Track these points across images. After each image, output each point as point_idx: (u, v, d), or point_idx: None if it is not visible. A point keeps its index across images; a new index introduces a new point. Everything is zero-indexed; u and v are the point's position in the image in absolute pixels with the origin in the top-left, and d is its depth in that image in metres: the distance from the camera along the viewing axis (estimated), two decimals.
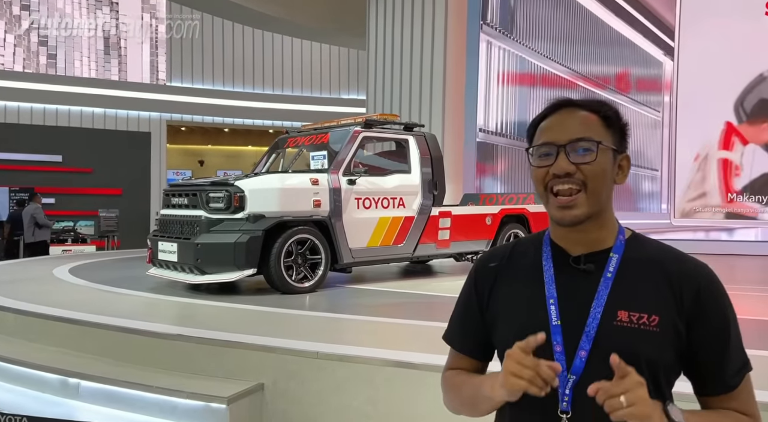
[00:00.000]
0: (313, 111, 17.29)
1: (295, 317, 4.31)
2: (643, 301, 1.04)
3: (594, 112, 1.09)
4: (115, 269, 7.47)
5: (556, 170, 1.06)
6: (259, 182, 5.20)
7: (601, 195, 1.07)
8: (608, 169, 1.08)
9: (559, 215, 1.07)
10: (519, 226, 6.78)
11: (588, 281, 1.08)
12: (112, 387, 3.32)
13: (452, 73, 10.03)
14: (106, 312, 4.18)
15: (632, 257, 1.09)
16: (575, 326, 1.06)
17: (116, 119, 16.30)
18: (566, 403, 1.04)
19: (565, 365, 1.05)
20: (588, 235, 1.09)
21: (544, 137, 1.10)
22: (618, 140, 1.10)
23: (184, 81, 17.00)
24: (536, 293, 1.11)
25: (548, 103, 1.14)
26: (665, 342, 1.03)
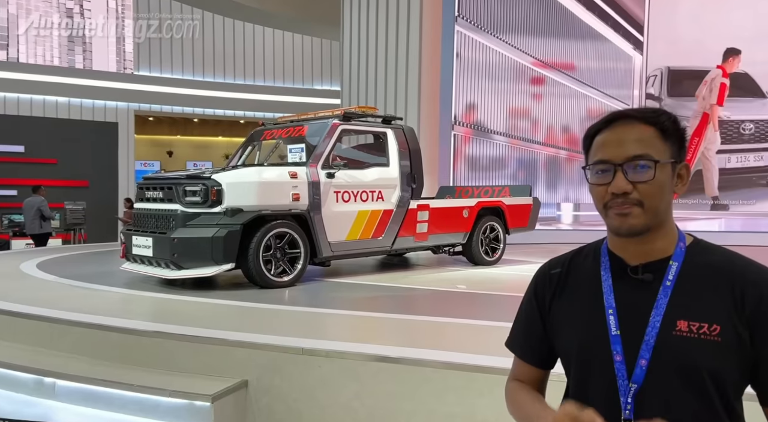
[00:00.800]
0: (286, 102, 17.10)
1: (276, 312, 4.28)
2: (703, 310, 1.03)
3: (650, 124, 1.07)
4: (85, 264, 7.30)
5: (614, 190, 1.05)
6: (236, 175, 5.13)
7: (658, 209, 1.06)
8: (666, 184, 1.07)
9: (617, 224, 1.07)
10: (495, 219, 6.84)
11: (647, 291, 1.07)
12: (90, 386, 3.25)
13: (427, 66, 10.02)
14: (81, 309, 4.08)
15: (693, 264, 1.08)
16: (635, 335, 1.06)
17: (81, 109, 15.86)
18: (629, 411, 1.04)
19: (626, 374, 1.05)
20: (646, 246, 1.09)
21: (601, 153, 1.08)
22: (676, 150, 1.08)
23: (153, 70, 16.63)
24: (595, 304, 1.11)
25: (604, 116, 1.11)
26: (728, 352, 1.02)
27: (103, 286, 5.20)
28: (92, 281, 5.45)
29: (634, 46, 11.13)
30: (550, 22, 10.96)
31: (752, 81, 10.17)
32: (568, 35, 11.03)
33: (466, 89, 10.38)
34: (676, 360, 1.01)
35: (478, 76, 10.49)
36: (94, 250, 9.26)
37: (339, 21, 11.34)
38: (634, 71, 11.17)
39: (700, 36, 10.65)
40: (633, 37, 11.12)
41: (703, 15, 10.67)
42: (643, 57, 11.08)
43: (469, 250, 6.67)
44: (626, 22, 11.07)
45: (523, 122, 10.96)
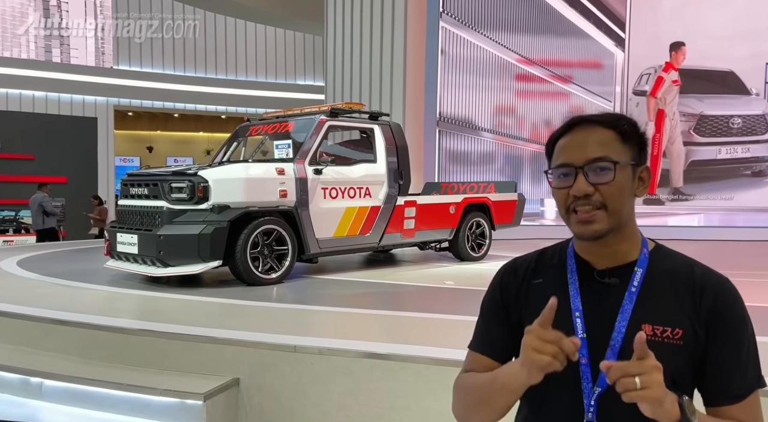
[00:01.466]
0: (268, 97, 16.99)
1: (266, 309, 4.26)
2: (666, 315, 1.06)
3: (610, 128, 1.09)
4: (67, 261, 7.18)
5: (575, 192, 1.07)
6: (223, 171, 5.09)
7: (621, 212, 1.08)
8: (627, 186, 1.08)
9: (580, 231, 1.09)
10: (481, 215, 6.88)
11: (613, 295, 1.09)
12: (78, 385, 3.21)
13: (412, 62, 10.02)
14: (66, 307, 4.03)
15: (656, 270, 1.10)
16: (600, 339, 1.07)
17: (59, 104, 15.59)
18: (591, 413, 1.06)
19: (590, 377, 1.07)
20: (610, 248, 1.11)
21: (562, 157, 1.10)
22: (636, 153, 1.11)
23: (132, 64, 16.40)
24: (562, 306, 1.10)
25: (564, 121, 1.13)
26: (689, 355, 1.05)
27: (87, 284, 5.12)
28: (76, 278, 5.37)
29: (615, 43, 11.24)
30: (534, 19, 11.03)
31: (738, 79, 10.43)
32: (551, 32, 11.11)
33: (451, 86, 10.41)
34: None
35: (462, 73, 10.52)
36: (75, 247, 9.13)
37: (322, 16, 11.28)
38: (616, 68, 11.29)
39: (682, 34, 10.80)
40: (615, 34, 11.23)
41: (683, 13, 10.82)
42: (624, 54, 11.21)
43: (456, 246, 6.70)
44: (608, 18, 11.18)
45: (507, 119, 11.03)
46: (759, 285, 5.25)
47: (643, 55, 11.04)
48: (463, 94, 10.56)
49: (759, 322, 1.23)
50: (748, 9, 10.47)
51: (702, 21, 10.69)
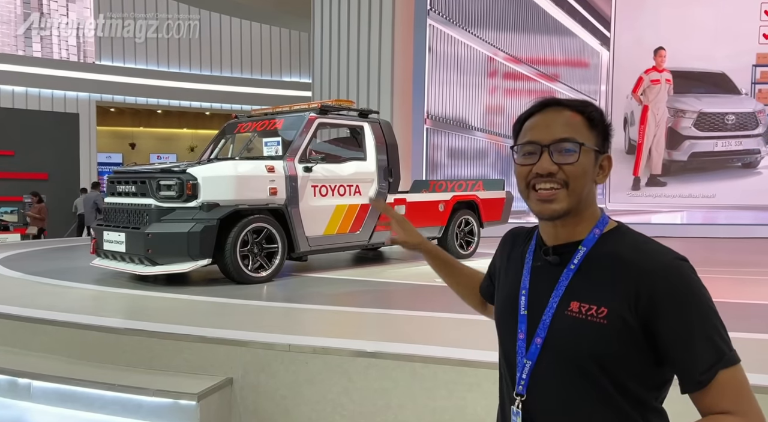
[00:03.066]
0: (253, 93, 16.88)
1: (257, 308, 4.23)
2: (596, 293, 1.05)
3: (579, 112, 1.11)
4: (51, 260, 7.08)
5: (539, 170, 1.09)
6: (212, 169, 5.03)
7: (581, 194, 1.09)
8: (589, 170, 1.10)
9: (539, 209, 1.11)
10: (470, 212, 6.90)
11: (554, 273, 1.12)
12: (67, 386, 3.16)
13: (400, 59, 10.01)
14: (54, 307, 3.96)
15: (601, 251, 1.09)
16: (537, 315, 1.10)
17: (40, 99, 15.34)
18: (522, 386, 1.10)
19: (525, 351, 1.10)
20: (566, 229, 1.13)
21: (529, 135, 1.12)
22: (601, 141, 1.12)
23: (115, 60, 16.17)
24: (516, 283, 1.18)
25: (534, 102, 1.15)
26: (612, 335, 1.02)
27: (73, 282, 5.05)
28: (61, 277, 5.29)
29: (601, 42, 11.34)
30: (520, 17, 11.08)
31: (729, 80, 10.93)
32: (537, 30, 11.17)
33: (439, 83, 10.42)
34: (564, 340, 1.06)
35: (450, 70, 10.53)
36: (57, 245, 8.99)
37: (309, 12, 11.22)
38: (601, 67, 11.39)
39: (665, 33, 10.94)
40: (600, 33, 11.33)
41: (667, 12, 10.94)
42: (609, 53, 11.30)
43: (445, 243, 6.71)
44: (593, 18, 11.27)
45: (494, 116, 11.07)
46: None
47: (628, 55, 11.15)
48: (451, 91, 10.57)
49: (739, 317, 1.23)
50: (733, 10, 10.65)
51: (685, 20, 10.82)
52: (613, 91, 11.23)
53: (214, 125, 18.34)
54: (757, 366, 2.49)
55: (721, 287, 4.93)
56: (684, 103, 11.12)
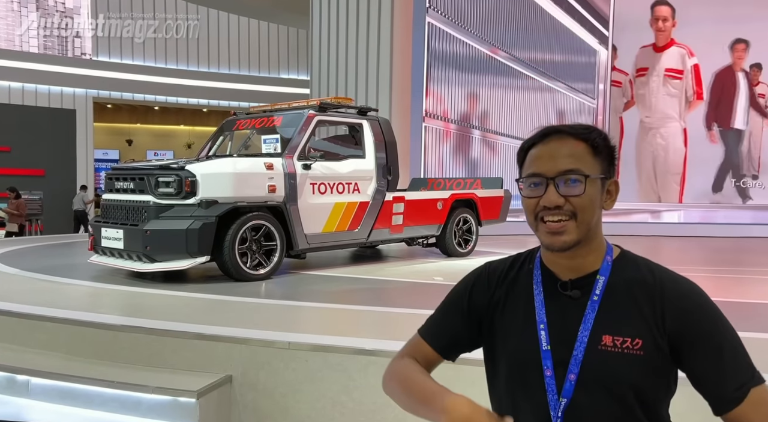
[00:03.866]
0: (251, 90, 16.84)
1: (256, 305, 4.23)
2: (626, 325, 1.06)
3: (582, 140, 1.10)
4: (48, 256, 7.06)
5: (545, 203, 1.08)
6: (211, 166, 5.02)
7: (590, 224, 1.09)
8: (596, 199, 1.10)
9: (549, 241, 1.09)
10: (468, 211, 6.91)
11: (576, 306, 1.10)
12: (66, 383, 3.15)
13: (398, 56, 9.99)
14: (52, 304, 3.95)
15: (619, 278, 1.10)
16: (564, 350, 1.08)
17: (36, 95, 15.27)
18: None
19: (555, 389, 1.07)
20: (577, 260, 1.12)
21: (534, 167, 1.11)
22: (606, 167, 1.12)
23: (112, 56, 16.11)
24: (528, 318, 1.13)
25: (537, 131, 1.15)
26: (650, 365, 1.05)
27: (70, 279, 5.04)
28: (59, 274, 5.28)
29: (599, 41, 11.35)
30: (519, 16, 11.07)
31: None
32: (536, 28, 11.17)
33: (437, 81, 10.41)
34: (602, 375, 1.04)
35: (448, 68, 10.52)
36: (54, 242, 8.97)
37: (307, 9, 11.19)
38: (599, 65, 11.40)
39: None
40: (599, 32, 11.34)
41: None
42: (608, 51, 11.31)
43: (443, 242, 6.71)
44: (592, 16, 11.28)
45: (492, 115, 11.07)
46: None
47: (626, 54, 11.16)
48: (449, 89, 10.56)
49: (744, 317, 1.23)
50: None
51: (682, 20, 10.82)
52: (611, 90, 11.23)
53: (211, 121, 18.29)
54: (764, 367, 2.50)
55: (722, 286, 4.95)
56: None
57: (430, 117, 10.35)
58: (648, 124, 9.93)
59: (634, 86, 10.50)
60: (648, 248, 7.26)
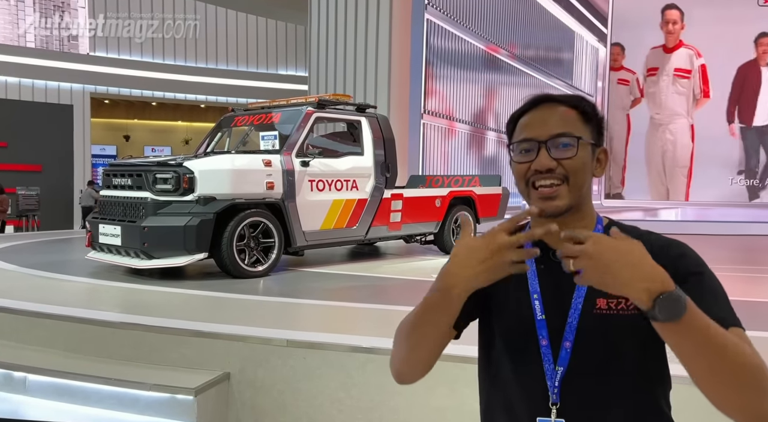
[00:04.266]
0: (249, 87, 16.81)
1: (254, 302, 4.22)
2: None
3: (572, 107, 1.10)
4: (45, 252, 7.04)
5: (537, 166, 1.07)
6: (209, 162, 5.01)
7: (582, 188, 1.09)
8: (588, 163, 1.09)
9: (542, 206, 1.08)
10: (466, 208, 6.90)
11: (568, 273, 1.07)
12: (64, 380, 3.14)
13: (397, 53, 9.98)
14: (49, 300, 3.95)
15: None
16: (559, 319, 1.07)
17: (33, 90, 15.22)
18: (555, 395, 1.06)
19: (552, 358, 1.06)
20: (567, 227, 1.08)
21: (525, 132, 1.10)
22: (596, 135, 1.12)
23: (110, 51, 16.05)
24: (521, 288, 1.12)
25: (527, 99, 1.14)
26: (646, 324, 1.01)
27: (68, 275, 5.03)
28: (56, 270, 5.27)
29: (598, 39, 11.34)
30: (518, 13, 11.06)
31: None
32: (535, 26, 11.16)
33: (436, 78, 10.40)
34: (599, 339, 1.03)
35: (447, 65, 10.51)
36: (51, 238, 8.95)
37: (305, 5, 11.16)
38: (598, 63, 11.40)
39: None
40: (597, 30, 11.33)
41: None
42: (606, 49, 11.31)
43: (441, 239, 6.71)
44: (591, 14, 11.27)
45: (490, 112, 11.07)
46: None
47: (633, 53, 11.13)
48: (448, 86, 10.55)
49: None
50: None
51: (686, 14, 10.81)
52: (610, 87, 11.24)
53: (209, 117, 18.25)
54: None
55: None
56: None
57: (429, 114, 10.35)
58: (658, 120, 10.21)
59: (645, 84, 10.59)
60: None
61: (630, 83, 10.48)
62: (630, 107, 10.47)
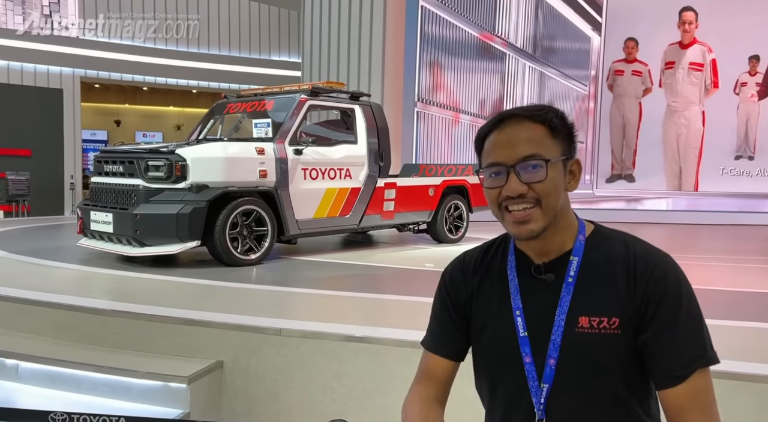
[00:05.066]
0: (241, 72, 16.64)
1: (247, 291, 4.23)
2: (603, 304, 1.04)
3: (539, 122, 1.07)
4: (35, 238, 7.00)
5: (508, 192, 1.06)
6: (202, 150, 4.98)
7: (555, 209, 1.07)
8: (560, 182, 1.07)
9: (516, 231, 1.08)
10: (459, 197, 6.92)
11: (551, 289, 1.08)
12: (56, 367, 3.15)
13: (391, 40, 9.91)
14: (41, 287, 3.93)
15: (593, 257, 1.09)
16: (542, 335, 1.07)
17: (22, 74, 14.99)
18: (541, 412, 1.06)
19: (536, 374, 1.06)
20: (546, 242, 1.10)
21: (493, 156, 1.08)
22: (566, 147, 1.09)
23: (100, 34, 15.83)
24: (504, 305, 1.12)
25: (492, 117, 1.11)
26: (627, 342, 1.03)
27: (59, 262, 5.01)
28: (47, 257, 5.24)
29: (592, 27, 11.32)
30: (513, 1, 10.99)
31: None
32: (529, 14, 11.11)
33: (430, 65, 10.34)
34: (582, 357, 1.03)
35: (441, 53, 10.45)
36: (41, 224, 8.89)
37: None
38: (592, 52, 11.38)
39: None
40: (592, 18, 11.30)
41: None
42: (601, 38, 11.29)
43: (434, 228, 6.73)
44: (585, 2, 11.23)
45: (483, 100, 11.04)
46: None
47: (619, 40, 11.15)
48: (441, 74, 10.51)
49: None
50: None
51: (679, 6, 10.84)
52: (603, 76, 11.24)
53: (201, 103, 18.08)
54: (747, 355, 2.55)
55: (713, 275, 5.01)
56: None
57: (423, 102, 10.31)
58: (674, 107, 11.17)
59: (663, 76, 11.25)
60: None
61: (643, 74, 11.31)
62: (642, 95, 11.36)
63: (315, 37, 10.60)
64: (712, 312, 1.09)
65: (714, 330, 1.09)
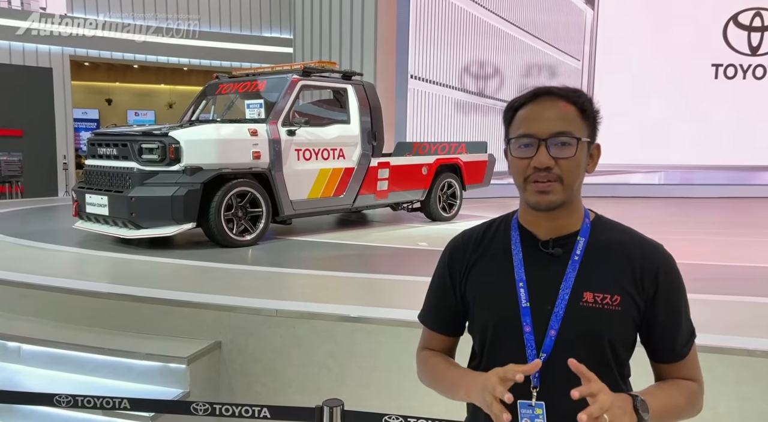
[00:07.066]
0: (233, 49, 16.45)
1: (243, 272, 4.28)
2: (606, 282, 1.12)
3: (572, 103, 1.11)
4: (30, 221, 7.02)
5: (536, 164, 1.09)
6: (195, 132, 4.99)
7: (574, 185, 1.12)
8: (583, 162, 1.12)
9: (536, 200, 1.12)
10: (453, 175, 6.96)
11: (556, 264, 1.14)
12: (57, 349, 3.21)
13: (384, 16, 9.83)
14: (40, 271, 3.98)
15: (597, 240, 1.15)
16: (544, 307, 1.12)
17: (10, 52, 14.79)
18: (536, 380, 1.12)
19: (534, 344, 1.12)
20: (557, 221, 1.15)
21: (525, 127, 1.11)
22: (592, 130, 1.14)
23: (88, 12, 15.59)
24: (507, 277, 1.17)
25: (527, 91, 1.15)
26: (627, 320, 1.12)
27: (55, 245, 5.05)
28: (43, 239, 5.28)
29: (585, 1, 11.23)
30: None
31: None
32: None
33: (423, 42, 10.27)
34: (583, 330, 1.10)
35: (433, 29, 10.37)
36: (35, 205, 8.90)
37: None
38: (586, 26, 11.32)
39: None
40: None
41: None
42: (594, 12, 11.22)
43: (428, 206, 6.78)
44: None
45: (477, 77, 11.00)
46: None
47: (613, 14, 11.08)
48: (434, 51, 10.45)
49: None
50: None
51: None
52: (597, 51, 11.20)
53: (192, 81, 17.90)
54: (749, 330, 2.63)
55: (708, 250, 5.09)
56: None
57: (416, 79, 10.26)
58: None
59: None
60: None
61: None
62: None
63: (306, 13, 10.50)
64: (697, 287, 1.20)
65: (696, 305, 1.23)
